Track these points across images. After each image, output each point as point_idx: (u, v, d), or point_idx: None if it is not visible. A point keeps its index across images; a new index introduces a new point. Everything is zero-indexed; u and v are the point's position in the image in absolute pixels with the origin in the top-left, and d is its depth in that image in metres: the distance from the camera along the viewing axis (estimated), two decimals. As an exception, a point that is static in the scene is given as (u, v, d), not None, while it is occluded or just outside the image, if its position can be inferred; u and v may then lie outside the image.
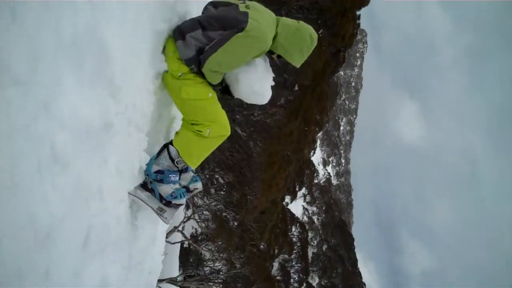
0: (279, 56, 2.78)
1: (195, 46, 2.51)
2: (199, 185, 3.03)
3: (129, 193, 2.39)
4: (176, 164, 2.60)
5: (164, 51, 2.60)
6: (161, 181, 2.58)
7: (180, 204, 2.68)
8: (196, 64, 2.55)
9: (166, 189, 2.59)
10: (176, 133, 2.67)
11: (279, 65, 3.01)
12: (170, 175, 2.59)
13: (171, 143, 2.61)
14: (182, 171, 2.78)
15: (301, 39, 2.64)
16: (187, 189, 2.99)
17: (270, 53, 2.79)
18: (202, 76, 2.61)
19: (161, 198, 2.58)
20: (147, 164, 2.60)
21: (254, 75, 2.71)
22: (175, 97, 2.64)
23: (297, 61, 2.73)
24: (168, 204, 2.60)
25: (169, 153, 2.58)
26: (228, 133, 2.63)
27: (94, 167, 1.77)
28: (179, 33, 2.56)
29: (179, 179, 2.74)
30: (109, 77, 1.81)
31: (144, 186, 2.60)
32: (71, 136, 1.51)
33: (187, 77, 2.57)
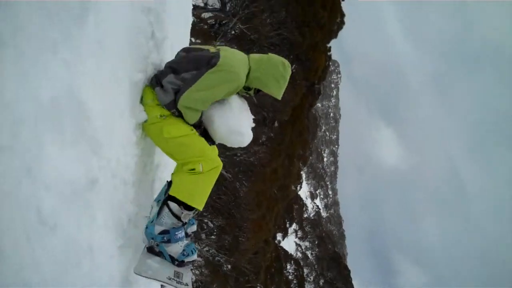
0: (258, 91, 2.79)
1: (172, 89, 2.51)
2: (195, 228, 2.92)
3: (136, 272, 2.22)
4: (181, 220, 2.47)
5: (142, 101, 2.57)
6: (168, 241, 2.42)
7: (194, 261, 2.54)
8: (176, 108, 2.54)
9: (175, 249, 2.45)
10: (171, 183, 2.53)
11: (255, 102, 3.01)
12: (176, 233, 2.44)
13: (168, 199, 2.47)
14: (186, 223, 2.60)
15: (274, 67, 2.64)
16: (186, 234, 2.84)
17: (247, 90, 2.78)
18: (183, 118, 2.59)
19: (172, 260, 2.44)
20: (146, 227, 2.47)
21: (229, 113, 2.69)
22: (159, 141, 2.57)
23: (275, 90, 2.70)
24: (182, 264, 2.46)
25: (170, 210, 2.44)
26: (220, 164, 2.52)
27: (82, 225, 1.75)
28: (156, 80, 2.58)
29: (185, 232, 2.59)
30: (90, 134, 1.81)
31: (151, 250, 2.45)
32: (57, 197, 1.50)
33: (168, 118, 2.54)
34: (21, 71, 1.35)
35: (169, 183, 2.58)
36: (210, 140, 2.76)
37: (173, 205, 2.44)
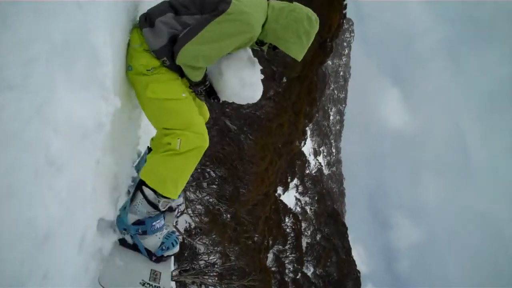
0: (274, 48, 2.32)
1: (167, 33, 2.07)
2: (181, 201, 2.70)
3: (100, 284, 1.83)
4: (159, 208, 2.11)
5: (128, 47, 2.19)
6: (144, 233, 2.09)
7: (175, 254, 2.21)
8: (168, 55, 2.12)
9: (152, 241, 2.12)
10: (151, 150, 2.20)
11: (266, 57, 2.63)
12: (153, 223, 2.09)
13: (143, 183, 2.08)
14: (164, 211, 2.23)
15: (297, 20, 2.13)
16: (170, 208, 2.70)
17: (260, 44, 2.34)
18: (178, 70, 2.20)
19: (149, 254, 2.12)
20: (118, 214, 2.12)
21: (239, 64, 2.30)
22: (140, 98, 2.20)
23: (295, 49, 2.20)
24: (160, 259, 2.13)
25: (145, 197, 2.07)
26: (206, 144, 2.10)
27: (88, 168, 1.78)
28: (147, 19, 2.14)
29: (164, 219, 2.23)
30: (100, 79, 1.79)
31: (123, 243, 2.11)
32: (65, 138, 1.51)
33: (158, 71, 2.14)
34: (35, 10, 1.34)
35: (150, 150, 2.31)
36: (215, 98, 2.44)
37: (148, 191, 2.07)
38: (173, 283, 10.61)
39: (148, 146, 2.33)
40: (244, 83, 2.32)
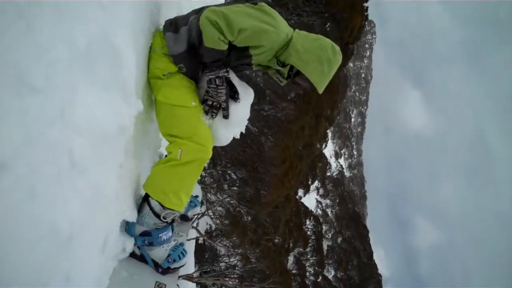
0: (294, 75, 2.27)
1: (187, 40, 2.12)
2: (198, 210, 2.68)
3: None
4: (163, 219, 2.09)
5: (150, 50, 2.23)
6: (150, 244, 2.09)
7: (182, 266, 2.20)
8: (186, 62, 2.16)
9: (159, 253, 2.12)
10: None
11: (281, 85, 2.52)
12: (160, 235, 2.09)
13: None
14: (173, 222, 2.23)
15: (321, 48, 2.13)
16: (186, 218, 2.71)
17: (281, 64, 2.24)
18: (193, 78, 2.25)
19: (156, 266, 2.13)
20: (126, 224, 2.10)
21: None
22: (155, 102, 2.23)
23: (316, 75, 2.14)
24: (166, 271, 2.13)
25: (151, 209, 2.07)
26: (207, 156, 2.07)
27: (110, 172, 1.78)
28: (172, 24, 2.20)
29: (173, 230, 2.22)
30: (122, 81, 1.80)
31: (131, 254, 2.12)
32: (88, 141, 1.52)
33: (173, 77, 2.17)
34: (58, 12, 1.35)
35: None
36: (236, 98, 2.34)
37: (154, 202, 2.06)
38: (193, 285, 10.66)
39: (143, 197, 2.21)
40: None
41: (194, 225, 11.31)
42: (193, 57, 2.17)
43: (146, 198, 2.10)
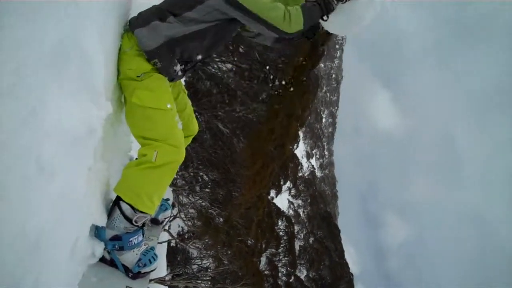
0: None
1: (164, 36, 2.11)
2: (169, 213, 2.70)
3: None
4: (135, 223, 2.06)
5: (119, 52, 2.19)
6: (121, 248, 2.04)
7: (152, 270, 2.17)
8: (162, 57, 2.13)
9: (130, 257, 2.08)
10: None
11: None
12: (130, 239, 2.04)
13: (120, 198, 2.05)
14: (143, 226, 2.19)
15: None
16: (156, 221, 2.70)
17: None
18: (168, 74, 2.21)
19: (126, 271, 2.08)
20: (96, 229, 2.04)
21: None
22: (126, 104, 2.18)
23: None
24: (137, 275, 2.09)
25: (122, 212, 2.03)
26: (181, 158, 2.07)
27: (79, 174, 1.77)
28: (139, 18, 2.19)
29: (143, 235, 2.19)
30: (91, 84, 1.79)
31: (101, 258, 2.07)
32: (56, 145, 1.50)
33: (147, 77, 2.12)
34: (25, 13, 1.33)
35: None
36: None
37: (125, 206, 2.03)
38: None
39: (113, 201, 2.17)
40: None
41: (166, 227, 11.23)
42: (170, 50, 2.15)
43: (116, 202, 2.07)
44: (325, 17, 2.16)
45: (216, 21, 2.16)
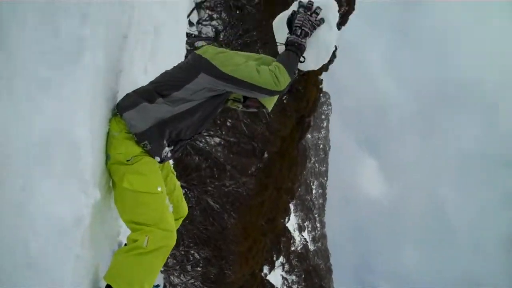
0: (245, 98, 2.37)
1: (154, 118, 2.09)
2: None
3: None
4: None
5: (107, 136, 2.17)
6: None
7: None
8: (151, 139, 2.11)
9: None
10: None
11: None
12: None
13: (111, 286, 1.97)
14: None
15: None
16: None
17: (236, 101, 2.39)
18: (160, 155, 2.18)
19: None
20: None
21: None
22: (116, 188, 2.15)
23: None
24: None
25: None
26: (173, 242, 2.05)
27: (67, 264, 1.72)
28: (127, 101, 2.18)
29: None
30: (79, 172, 1.79)
31: None
32: (43, 235, 1.50)
33: (137, 160, 2.09)
34: (14, 107, 1.36)
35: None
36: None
37: None
38: None
39: (124, 244, 2.21)
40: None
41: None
42: (160, 131, 2.13)
43: None
44: (301, 59, 2.25)
45: (204, 98, 2.17)
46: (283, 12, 2.38)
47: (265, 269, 27.97)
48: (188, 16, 10.45)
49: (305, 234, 70.47)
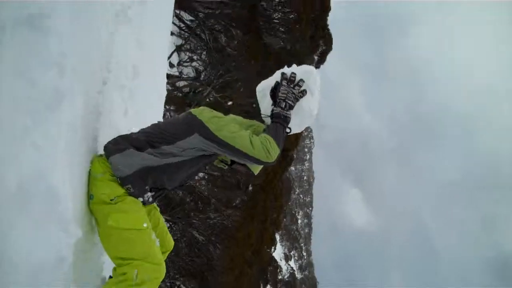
0: (233, 161, 2.44)
1: (139, 164, 2.15)
2: None
3: None
4: None
5: (89, 176, 2.21)
6: None
7: None
8: (135, 183, 2.16)
9: None
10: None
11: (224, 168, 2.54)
12: None
13: None
14: None
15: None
16: None
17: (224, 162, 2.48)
18: (142, 196, 2.23)
19: None
20: None
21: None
22: (100, 227, 2.17)
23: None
24: None
25: None
26: (162, 275, 2.09)
27: None
28: (116, 146, 2.23)
29: None
30: (59, 215, 1.83)
31: None
32: (25, 278, 1.55)
33: (122, 200, 2.14)
34: None
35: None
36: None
37: None
38: None
39: (109, 276, 2.20)
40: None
41: None
42: (144, 178, 2.19)
43: None
44: (288, 130, 2.34)
45: (193, 156, 2.24)
46: (266, 81, 2.47)
47: (252, 301, 27.60)
48: (169, 58, 10.57)
49: (291, 263, 69.79)
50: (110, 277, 2.19)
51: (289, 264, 64.08)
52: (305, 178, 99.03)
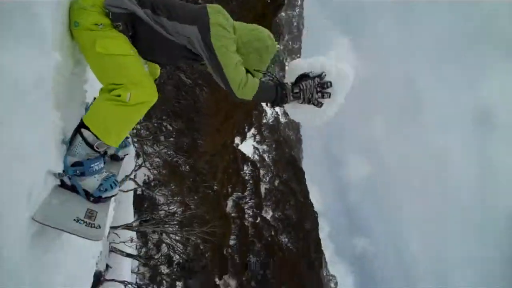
0: None
1: (131, 9, 2.17)
2: (130, 150, 2.76)
3: (34, 219, 1.84)
4: (96, 149, 2.12)
5: (76, 7, 2.15)
6: (82, 174, 2.09)
7: (113, 196, 2.23)
8: (125, 22, 2.18)
9: (91, 183, 2.13)
10: (89, 108, 2.14)
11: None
12: (91, 165, 2.10)
13: (82, 125, 2.10)
14: (105, 153, 2.28)
15: (259, 39, 2.37)
16: (117, 157, 2.77)
17: None
18: (129, 36, 2.23)
19: (87, 195, 2.13)
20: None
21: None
22: (88, 55, 2.16)
23: (256, 65, 2.40)
24: (98, 200, 2.15)
25: (84, 139, 2.08)
26: (154, 99, 2.13)
27: (31, 123, 1.79)
28: None
29: (104, 162, 2.27)
30: (37, 34, 1.81)
31: (62, 184, 2.11)
32: (2, 97, 1.58)
33: (109, 29, 2.15)
34: None
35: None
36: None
37: (87, 133, 2.07)
38: (133, 233, 10.93)
39: (94, 97, 2.26)
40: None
41: (132, 176, 11.48)
42: (129, 25, 2.21)
43: (78, 129, 2.11)
44: (272, 104, 2.35)
45: (180, 43, 2.28)
46: (309, 60, 2.40)
47: (237, 140, 29.02)
48: None
49: (277, 107, 71.57)
50: (95, 99, 2.25)
51: (274, 109, 65.79)
52: (294, 24, 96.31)
